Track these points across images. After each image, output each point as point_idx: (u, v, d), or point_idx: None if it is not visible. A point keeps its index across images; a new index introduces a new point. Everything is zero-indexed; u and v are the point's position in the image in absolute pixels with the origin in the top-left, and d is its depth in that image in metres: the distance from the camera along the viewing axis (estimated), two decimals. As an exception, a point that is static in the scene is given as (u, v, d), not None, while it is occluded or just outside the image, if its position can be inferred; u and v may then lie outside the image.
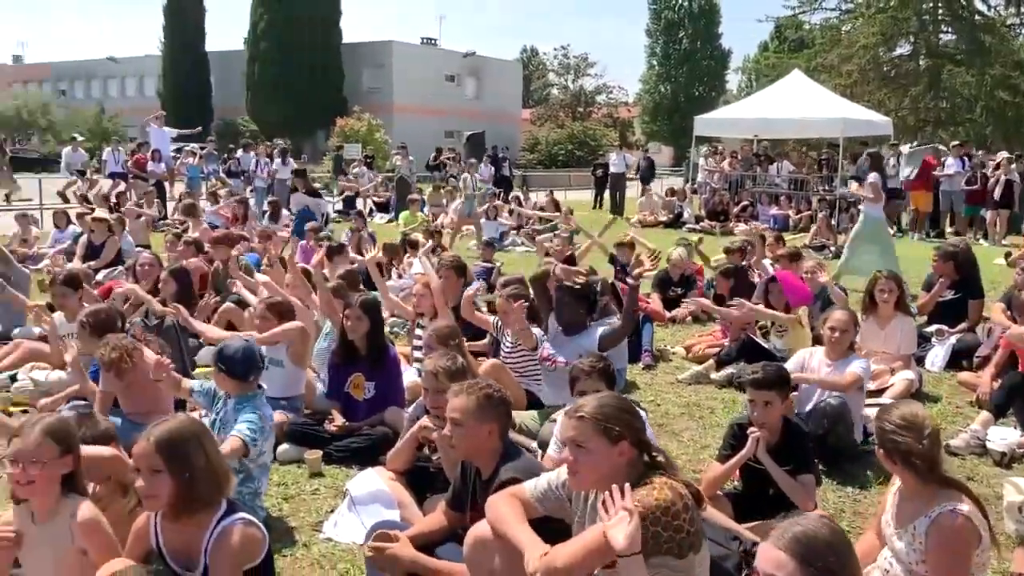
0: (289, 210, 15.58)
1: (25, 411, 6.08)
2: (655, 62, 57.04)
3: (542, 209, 18.47)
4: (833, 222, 17.31)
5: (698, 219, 19.88)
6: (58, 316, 6.85)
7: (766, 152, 22.82)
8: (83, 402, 5.37)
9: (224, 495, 2.83)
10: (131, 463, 2.93)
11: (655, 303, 9.00)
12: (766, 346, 6.88)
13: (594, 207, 24.23)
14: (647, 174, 25.53)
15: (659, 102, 56.42)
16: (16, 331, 7.87)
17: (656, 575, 2.60)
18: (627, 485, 2.58)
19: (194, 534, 2.77)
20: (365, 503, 4.15)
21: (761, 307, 6.93)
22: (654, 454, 2.81)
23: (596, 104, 62.05)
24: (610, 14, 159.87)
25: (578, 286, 5.69)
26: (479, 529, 3.05)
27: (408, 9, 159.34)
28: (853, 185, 13.36)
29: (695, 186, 23.03)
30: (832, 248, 15.24)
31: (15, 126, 48.76)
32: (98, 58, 58.38)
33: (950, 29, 31.92)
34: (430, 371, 4.11)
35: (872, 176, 10.78)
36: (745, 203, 20.56)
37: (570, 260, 9.04)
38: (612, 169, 23.53)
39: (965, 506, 2.95)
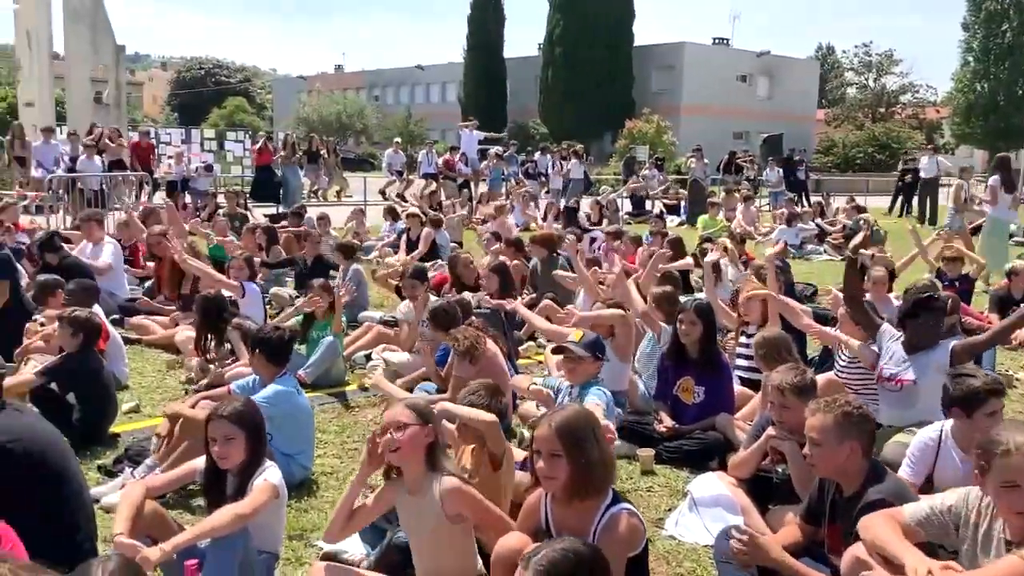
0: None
1: (378, 388, 6.83)
2: (971, 58, 51.88)
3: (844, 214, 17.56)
4: None
5: (1026, 230, 17.95)
6: (405, 304, 7.60)
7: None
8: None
9: (612, 483, 3.02)
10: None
11: (995, 323, 8.26)
12: None
13: (889, 212, 22.60)
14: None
15: (974, 102, 51.33)
16: (361, 314, 8.81)
17: None
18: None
19: (583, 518, 2.98)
20: (708, 505, 4.22)
21: None
22: None
23: (899, 104, 57.76)
24: (917, 9, 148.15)
25: (922, 299, 5.35)
26: (857, 550, 3.01)
27: (701, 10, 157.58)
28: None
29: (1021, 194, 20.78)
30: None
31: (335, 129, 54.14)
32: (407, 66, 63.34)
33: None
34: (776, 386, 4.09)
35: (992, 179, 11.60)
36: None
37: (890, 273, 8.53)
38: (923, 174, 21.83)
39: None
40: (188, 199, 18.53)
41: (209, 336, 6.83)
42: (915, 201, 22.29)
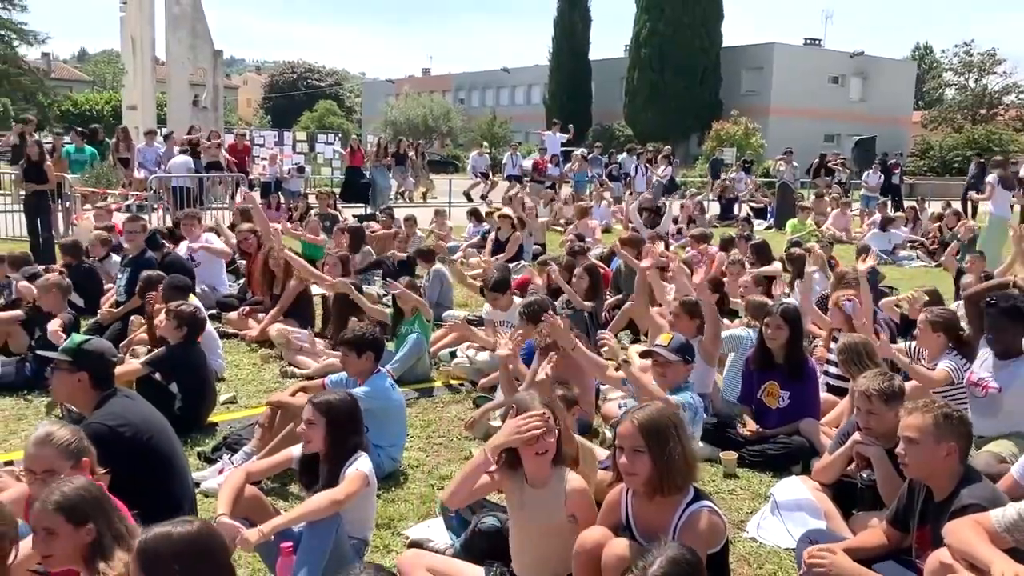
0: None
1: (463, 385, 6.99)
2: (1081, 56, 49.59)
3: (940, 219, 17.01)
4: None
5: None
6: (488, 307, 7.74)
7: None
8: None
9: (694, 481, 3.07)
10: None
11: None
12: None
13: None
14: None
15: (1083, 101, 49.04)
16: (445, 314, 8.99)
17: None
18: None
19: (664, 514, 3.04)
20: (790, 509, 4.21)
21: None
22: None
23: (1003, 105, 55.41)
24: (1018, 8, 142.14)
25: (1007, 306, 5.22)
26: (941, 555, 2.99)
27: (793, 10, 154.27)
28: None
29: None
30: None
31: (421, 131, 54.87)
32: (493, 69, 63.83)
33: None
34: (863, 391, 4.07)
35: (991, 177, 13.16)
36: None
37: (988, 278, 8.28)
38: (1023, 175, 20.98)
39: None
40: (281, 200, 19.12)
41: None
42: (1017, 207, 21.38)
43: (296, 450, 3.90)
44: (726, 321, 7.01)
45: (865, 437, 4.05)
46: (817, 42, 54.09)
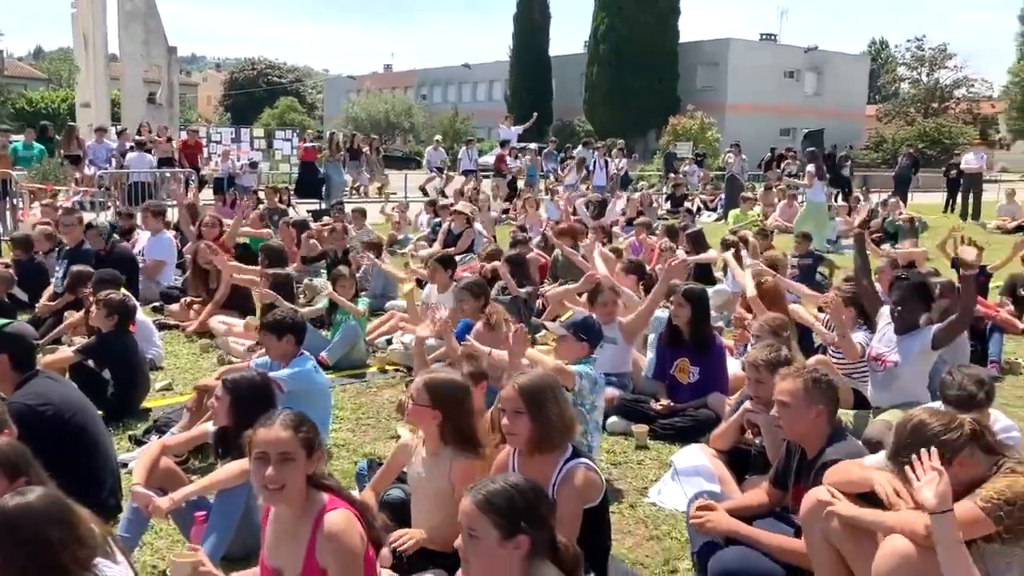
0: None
1: (398, 370, 7.17)
2: (1029, 51, 50.79)
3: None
4: None
5: (1071, 227, 17.66)
6: (430, 289, 7.94)
7: None
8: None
9: (571, 440, 3.29)
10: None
11: (1006, 312, 8.32)
12: None
13: (945, 211, 22.35)
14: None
15: (1030, 95, 50.14)
16: (388, 304, 9.17)
17: (1017, 556, 2.80)
18: (934, 449, 2.71)
19: (544, 471, 3.25)
20: (688, 475, 4.46)
21: None
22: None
23: (954, 99, 56.59)
24: (972, 3, 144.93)
25: (914, 283, 5.53)
26: (816, 493, 3.21)
27: (749, 5, 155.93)
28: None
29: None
30: None
31: (383, 127, 54.80)
32: (454, 65, 63.89)
33: None
34: (751, 362, 4.34)
35: (810, 167, 15.10)
36: None
37: (911, 266, 8.64)
38: (964, 167, 21.61)
39: None
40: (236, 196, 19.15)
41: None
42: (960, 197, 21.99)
43: (211, 425, 4.07)
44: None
45: (755, 405, 4.30)
46: (773, 37, 54.79)
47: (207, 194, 18.72)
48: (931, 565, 2.71)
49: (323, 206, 18.56)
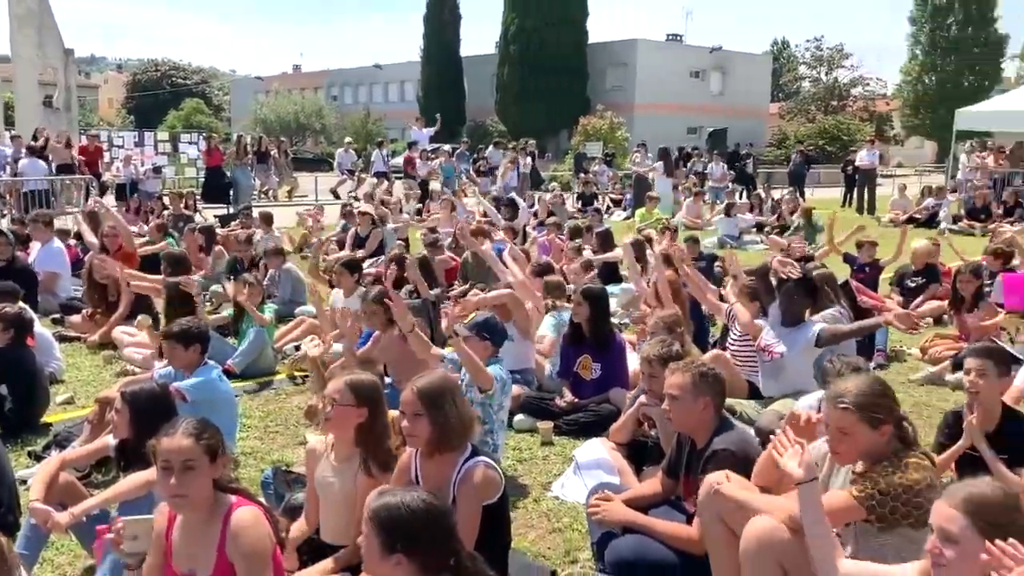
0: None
1: (306, 377, 7.16)
2: (919, 51, 53.09)
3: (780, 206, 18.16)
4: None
5: (956, 219, 18.65)
6: (337, 293, 7.94)
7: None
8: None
9: (470, 440, 3.40)
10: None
11: (893, 304, 8.78)
12: (1011, 350, 6.60)
13: (843, 205, 23.29)
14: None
15: (922, 94, 52.52)
16: (298, 309, 9.13)
17: (889, 542, 2.99)
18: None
19: (445, 471, 3.36)
20: (589, 468, 4.63)
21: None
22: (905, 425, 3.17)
23: (851, 97, 58.86)
24: (870, 2, 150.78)
25: (799, 279, 5.82)
26: (711, 477, 3.39)
27: (655, 6, 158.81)
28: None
29: (955, 184, 21.57)
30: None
31: (293, 129, 54.03)
32: (365, 66, 63.35)
33: None
34: (645, 357, 4.53)
35: (658, 164, 18.99)
36: (1012, 202, 19.00)
37: (807, 260, 9.04)
38: (858, 163, 22.59)
39: None
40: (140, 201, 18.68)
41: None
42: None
43: (111, 438, 4.04)
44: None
45: (649, 399, 4.49)
46: (678, 38, 56.02)
47: (110, 200, 18.20)
48: (793, 545, 2.93)
49: (231, 211, 18.25)
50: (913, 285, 9.30)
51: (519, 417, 5.68)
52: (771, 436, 4.58)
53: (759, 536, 3.00)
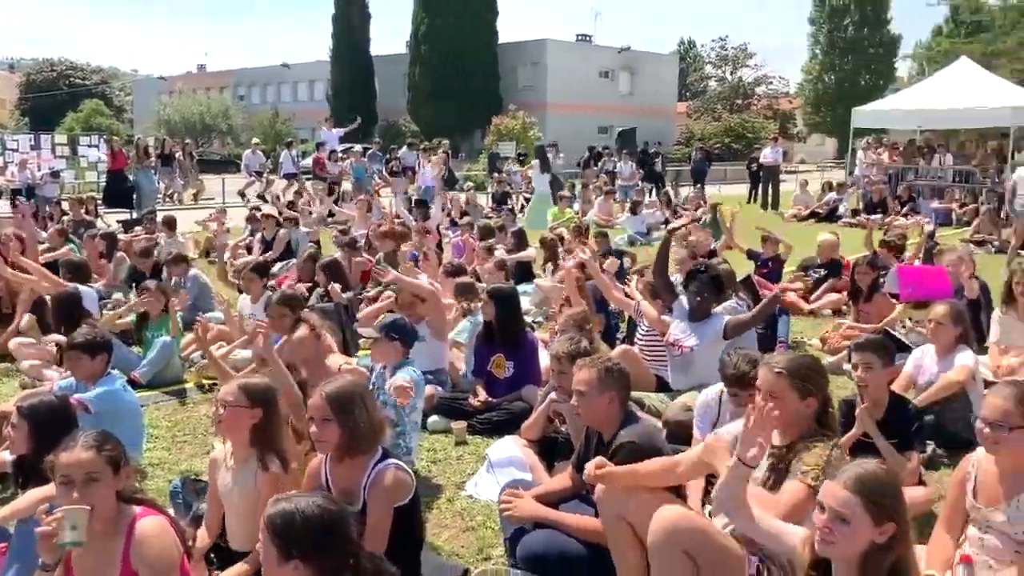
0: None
1: (214, 385, 7.02)
2: (818, 51, 55.03)
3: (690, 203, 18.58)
4: (1002, 215, 16.53)
5: (855, 213, 19.41)
6: (244, 299, 7.81)
7: (928, 143, 21.96)
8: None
9: (380, 443, 3.41)
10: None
11: (794, 294, 9.09)
12: (904, 340, 6.93)
13: (749, 201, 23.97)
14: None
15: (822, 92, 54.43)
16: (205, 316, 8.91)
17: None
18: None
19: (355, 475, 3.36)
20: (502, 465, 4.68)
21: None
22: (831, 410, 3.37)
23: (755, 96, 60.57)
24: (772, 3, 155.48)
25: (704, 273, 6.00)
26: (590, 467, 3.46)
27: (564, 7, 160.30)
28: None
29: (853, 179, 22.46)
30: (996, 243, 14.56)
31: (199, 130, 52.73)
32: (273, 65, 62.19)
33: None
34: (553, 354, 4.61)
35: (534, 162, 18.80)
36: (906, 197, 19.88)
37: (712, 255, 9.29)
38: (762, 160, 23.30)
39: None
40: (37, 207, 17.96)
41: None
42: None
43: (7, 454, 3.91)
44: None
45: (559, 395, 4.57)
46: (588, 38, 56.70)
47: (3, 207, 17.48)
48: (699, 533, 3.03)
49: (134, 216, 17.71)
50: (816, 276, 9.64)
51: (433, 418, 5.70)
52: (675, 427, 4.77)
53: (665, 527, 3.09)
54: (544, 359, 6.26)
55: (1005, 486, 3.27)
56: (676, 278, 8.33)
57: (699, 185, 22.15)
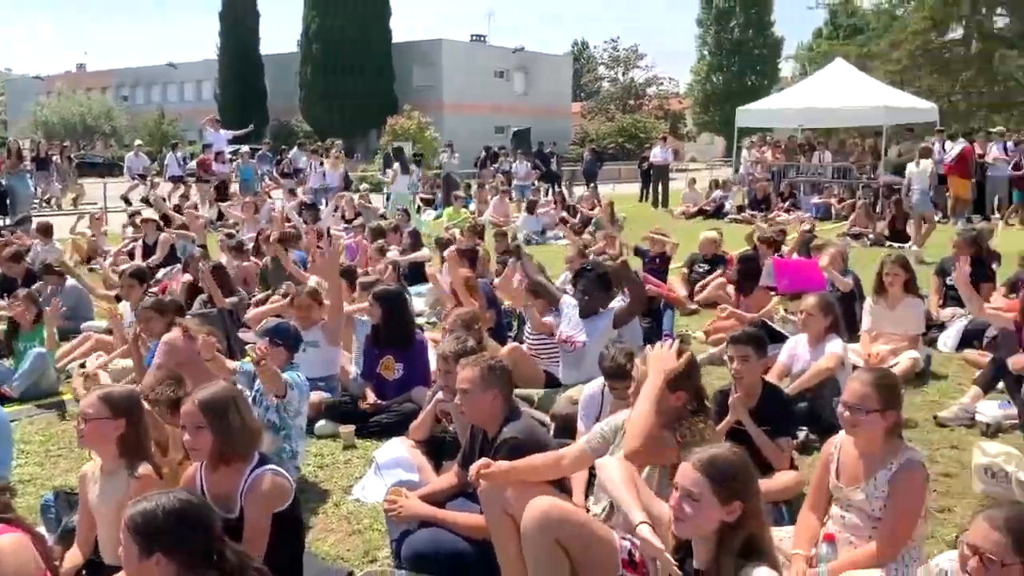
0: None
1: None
2: (706, 52, 56.76)
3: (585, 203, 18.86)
4: (877, 209, 17.40)
5: (740, 209, 20.07)
6: (124, 306, 7.53)
7: (809, 141, 22.88)
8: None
9: (256, 449, 3.35)
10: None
11: (677, 289, 9.35)
12: (780, 330, 7.20)
13: (640, 200, 24.50)
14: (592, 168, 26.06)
15: (710, 93, 56.12)
16: (85, 324, 8.58)
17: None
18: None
19: (231, 482, 3.29)
20: (389, 467, 4.66)
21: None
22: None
23: (647, 96, 61.99)
24: (661, 5, 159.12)
25: (591, 271, 6.12)
26: (474, 468, 3.49)
27: (458, 7, 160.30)
28: None
29: (738, 177, 23.21)
30: (871, 236, 15.30)
31: (80, 132, 50.53)
32: (158, 64, 60.08)
33: (1004, 10, 31.37)
34: (440, 354, 4.63)
35: (396, 164, 18.65)
36: (788, 193, 20.66)
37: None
38: (653, 159, 23.86)
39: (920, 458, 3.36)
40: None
41: None
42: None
43: None
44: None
45: (446, 394, 4.59)
46: (482, 38, 56.89)
47: None
48: (570, 523, 3.11)
49: (7, 222, 16.86)
50: (701, 271, 9.94)
51: (321, 423, 5.62)
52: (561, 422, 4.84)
53: (536, 517, 3.14)
54: (434, 360, 6.29)
55: (864, 466, 3.45)
56: (565, 276, 8.56)
57: (592, 185, 22.51)
